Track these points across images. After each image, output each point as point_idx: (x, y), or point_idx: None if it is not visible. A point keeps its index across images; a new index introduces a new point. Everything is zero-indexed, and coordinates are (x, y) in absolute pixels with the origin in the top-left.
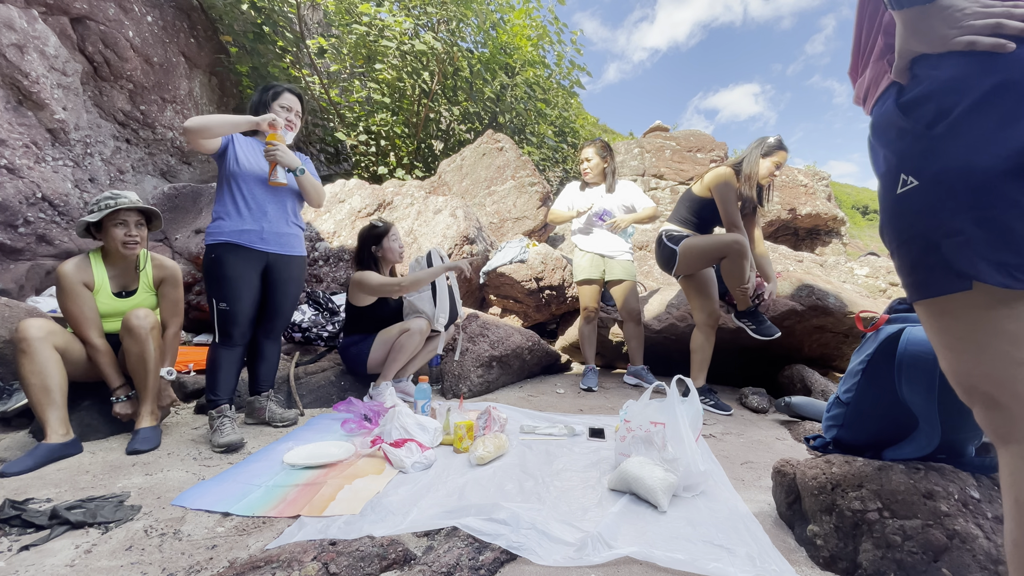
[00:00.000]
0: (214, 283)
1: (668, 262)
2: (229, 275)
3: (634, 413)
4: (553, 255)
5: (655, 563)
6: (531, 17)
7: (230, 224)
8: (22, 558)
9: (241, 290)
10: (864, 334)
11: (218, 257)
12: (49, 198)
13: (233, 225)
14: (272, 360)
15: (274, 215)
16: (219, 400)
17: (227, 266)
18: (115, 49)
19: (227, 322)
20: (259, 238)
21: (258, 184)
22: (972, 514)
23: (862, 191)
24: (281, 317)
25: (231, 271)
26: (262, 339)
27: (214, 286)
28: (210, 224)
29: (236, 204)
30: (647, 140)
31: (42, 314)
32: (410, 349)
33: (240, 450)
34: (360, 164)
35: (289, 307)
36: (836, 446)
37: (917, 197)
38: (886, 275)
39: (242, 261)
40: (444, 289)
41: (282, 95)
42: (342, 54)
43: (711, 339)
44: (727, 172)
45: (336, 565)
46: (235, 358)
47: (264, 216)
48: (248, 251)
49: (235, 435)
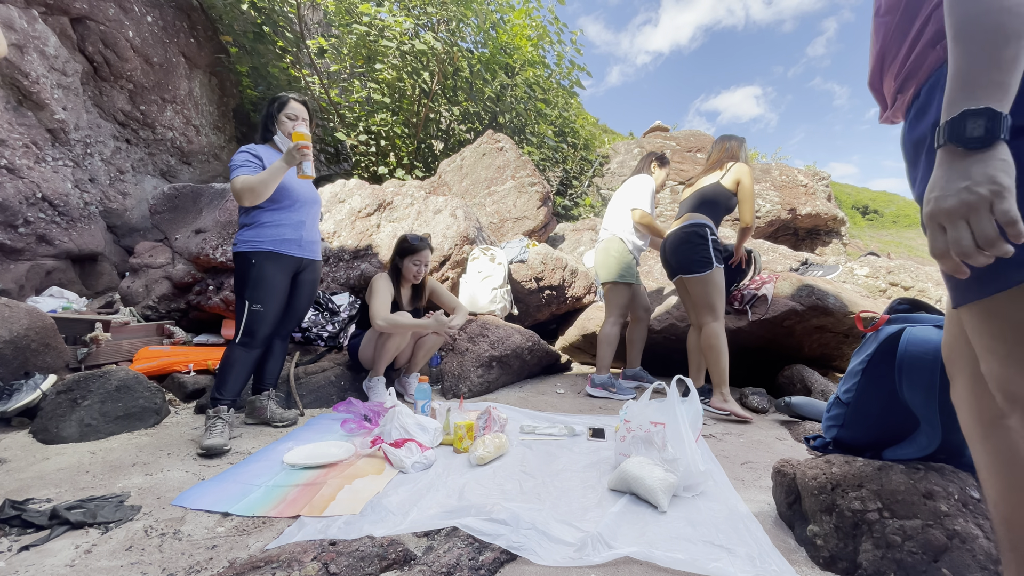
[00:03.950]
0: (252, 286)
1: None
2: (270, 281)
3: (634, 413)
4: (553, 255)
5: (655, 563)
6: (531, 17)
7: (272, 232)
8: (22, 558)
9: (277, 294)
10: (864, 334)
11: (259, 264)
12: (49, 198)
13: (276, 234)
14: (280, 357)
15: (309, 224)
16: (222, 400)
17: (268, 273)
18: (115, 49)
19: (257, 322)
20: (297, 246)
21: (295, 194)
22: (972, 514)
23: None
24: (297, 317)
25: (272, 278)
26: (275, 338)
27: (251, 289)
28: (246, 229)
29: (277, 213)
30: (647, 140)
31: (42, 314)
32: (391, 348)
33: (223, 455)
34: (360, 164)
35: (305, 308)
36: (836, 446)
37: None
38: (886, 275)
39: (282, 268)
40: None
41: (288, 104)
42: (342, 54)
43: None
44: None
45: (336, 565)
46: (251, 360)
47: (303, 225)
48: (288, 259)
49: (222, 439)
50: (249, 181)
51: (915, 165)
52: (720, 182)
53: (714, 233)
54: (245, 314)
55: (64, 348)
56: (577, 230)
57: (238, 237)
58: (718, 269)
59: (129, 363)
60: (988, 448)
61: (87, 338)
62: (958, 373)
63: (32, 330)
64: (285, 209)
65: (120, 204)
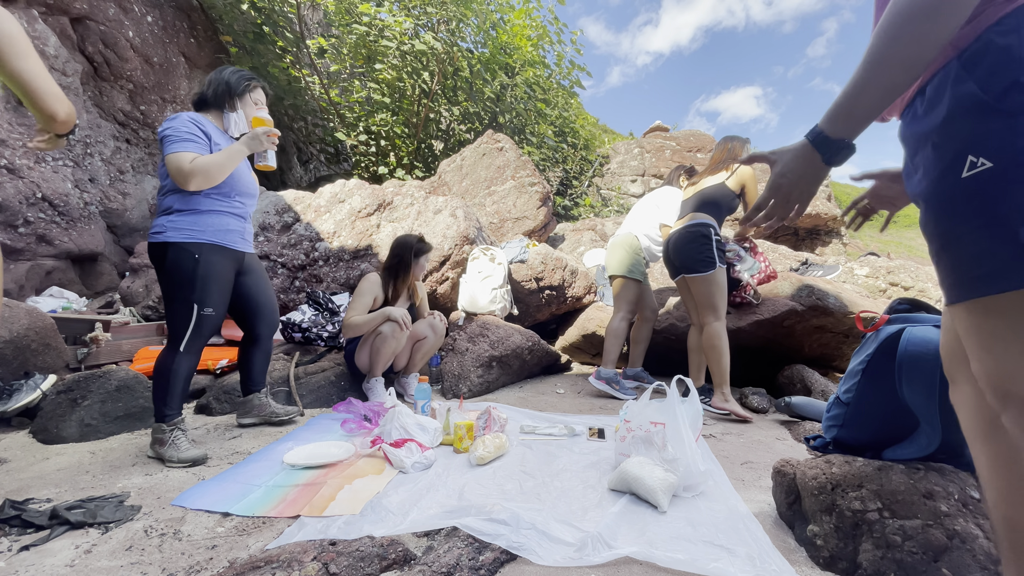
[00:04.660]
0: (201, 287)
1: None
2: (220, 280)
3: (634, 413)
4: (553, 255)
5: (655, 563)
6: (531, 17)
7: (215, 221)
8: (22, 558)
9: (227, 294)
10: (864, 334)
11: (205, 260)
12: (49, 198)
13: (220, 223)
14: (269, 354)
15: (248, 218)
16: (173, 414)
17: (217, 271)
18: (115, 49)
19: (207, 328)
20: (241, 238)
21: (239, 182)
22: (972, 514)
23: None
24: (275, 308)
25: (222, 276)
26: (264, 334)
27: (200, 291)
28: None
29: (220, 200)
30: (647, 140)
31: (42, 314)
32: (387, 352)
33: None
34: (360, 164)
35: (274, 297)
36: (836, 446)
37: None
38: (886, 275)
39: (228, 263)
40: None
41: (256, 91)
42: (342, 54)
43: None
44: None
45: (336, 565)
46: (194, 368)
47: (246, 217)
48: (232, 253)
49: (197, 450)
50: (204, 163)
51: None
52: (724, 183)
53: (717, 233)
54: (193, 319)
55: (64, 348)
56: (577, 230)
57: (166, 223)
58: (721, 269)
59: (129, 363)
60: (988, 449)
61: (87, 338)
62: (958, 374)
63: (32, 330)
64: (227, 197)
65: (120, 204)
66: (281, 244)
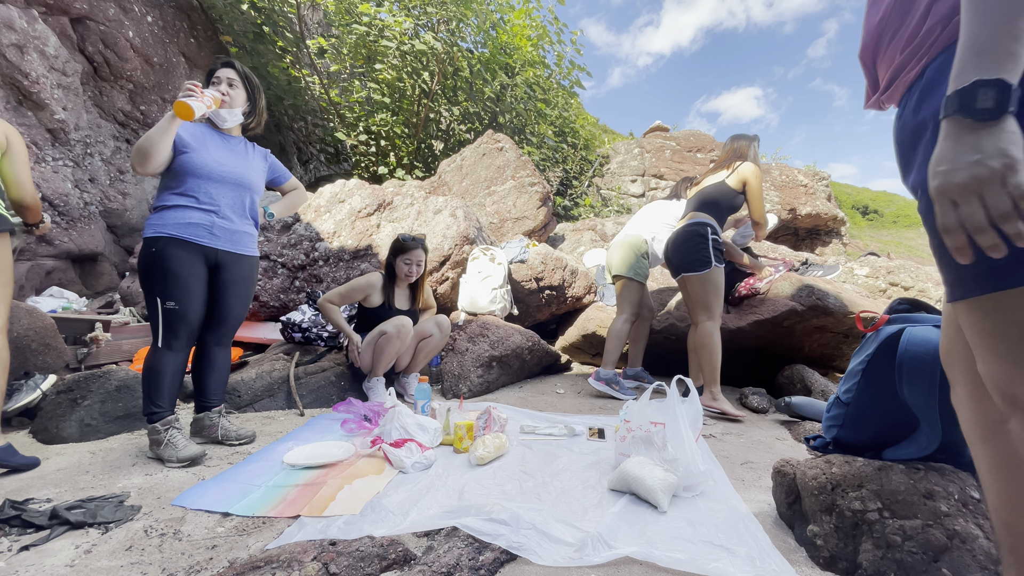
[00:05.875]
0: (157, 279)
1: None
2: (175, 271)
3: (634, 413)
4: (553, 255)
5: (655, 563)
6: (531, 17)
7: (176, 215)
8: (22, 558)
9: (191, 288)
10: (864, 334)
11: (160, 251)
12: (49, 198)
13: (181, 216)
14: (223, 370)
15: (227, 210)
16: (163, 412)
17: (172, 261)
18: (115, 49)
19: (176, 322)
20: (208, 232)
21: (211, 175)
22: (972, 514)
23: (862, 191)
24: (232, 321)
25: (177, 267)
26: (212, 346)
27: (157, 283)
28: (153, 213)
29: (183, 194)
30: (647, 140)
31: (42, 314)
32: (391, 352)
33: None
34: (360, 164)
35: (240, 310)
36: (836, 446)
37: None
38: (886, 275)
39: (189, 257)
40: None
41: (216, 71)
42: (342, 54)
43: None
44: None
45: (336, 565)
46: (180, 365)
47: (217, 210)
48: (194, 247)
49: (194, 448)
50: (137, 143)
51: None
52: (725, 181)
53: (716, 233)
54: (160, 315)
55: (64, 348)
56: (577, 230)
57: (147, 222)
58: (717, 269)
59: (129, 363)
60: (989, 452)
61: (87, 338)
62: (958, 375)
63: (32, 330)
64: (193, 188)
65: (120, 204)
66: (281, 244)
